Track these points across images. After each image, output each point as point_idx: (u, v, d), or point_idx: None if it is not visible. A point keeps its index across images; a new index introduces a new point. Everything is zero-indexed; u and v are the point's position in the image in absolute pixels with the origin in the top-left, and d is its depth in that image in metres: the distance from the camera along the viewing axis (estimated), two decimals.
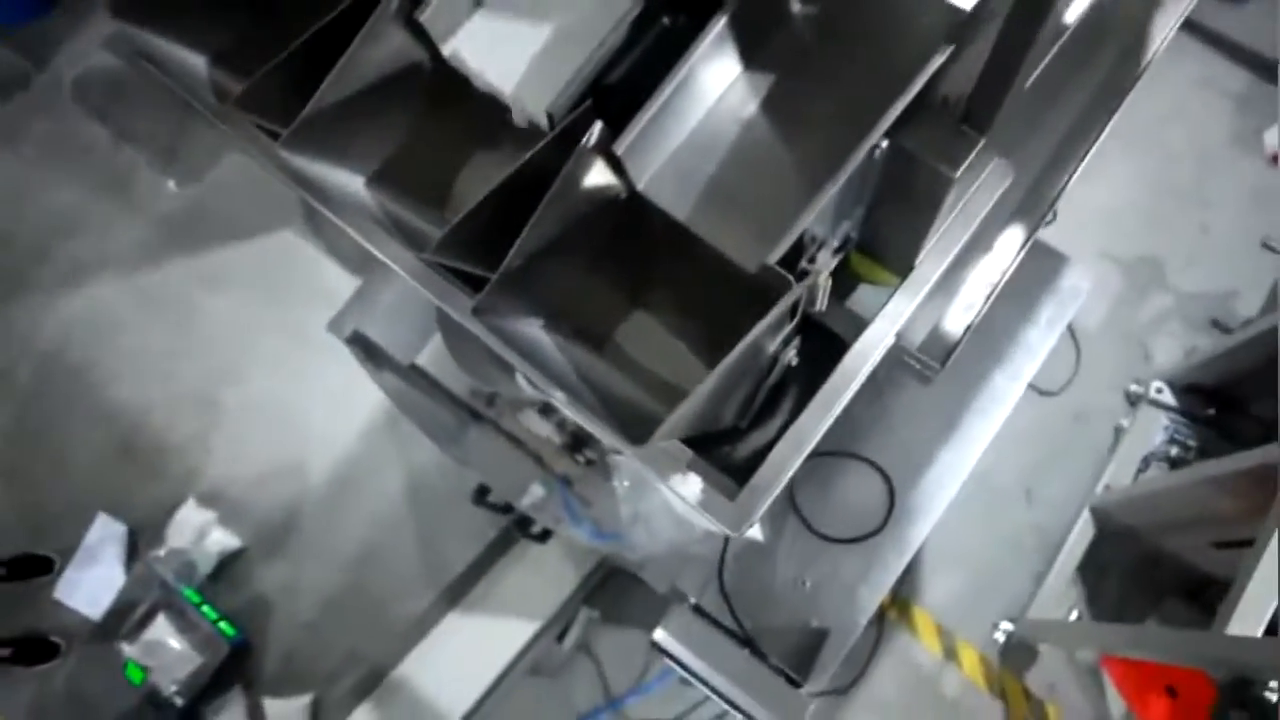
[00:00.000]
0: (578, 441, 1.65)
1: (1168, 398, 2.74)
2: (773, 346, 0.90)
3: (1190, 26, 3.31)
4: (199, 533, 2.73)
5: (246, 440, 2.93)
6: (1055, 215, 1.63)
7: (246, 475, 2.89)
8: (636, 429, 0.69)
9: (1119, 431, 2.80)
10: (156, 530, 2.77)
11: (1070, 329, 2.93)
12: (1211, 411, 2.69)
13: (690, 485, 0.94)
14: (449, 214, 0.96)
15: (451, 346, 1.49)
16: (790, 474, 0.94)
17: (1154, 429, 2.72)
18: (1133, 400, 2.83)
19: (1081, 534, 2.60)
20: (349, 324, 1.68)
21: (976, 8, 0.77)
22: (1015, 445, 2.82)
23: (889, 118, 0.73)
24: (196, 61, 0.93)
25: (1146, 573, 2.60)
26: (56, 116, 3.39)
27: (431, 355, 1.76)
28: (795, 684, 1.42)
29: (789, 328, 0.89)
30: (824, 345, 1.00)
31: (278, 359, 2.99)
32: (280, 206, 3.16)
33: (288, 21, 0.94)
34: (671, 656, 1.38)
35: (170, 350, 3.05)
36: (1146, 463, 2.72)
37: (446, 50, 0.83)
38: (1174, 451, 2.69)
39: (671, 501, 1.41)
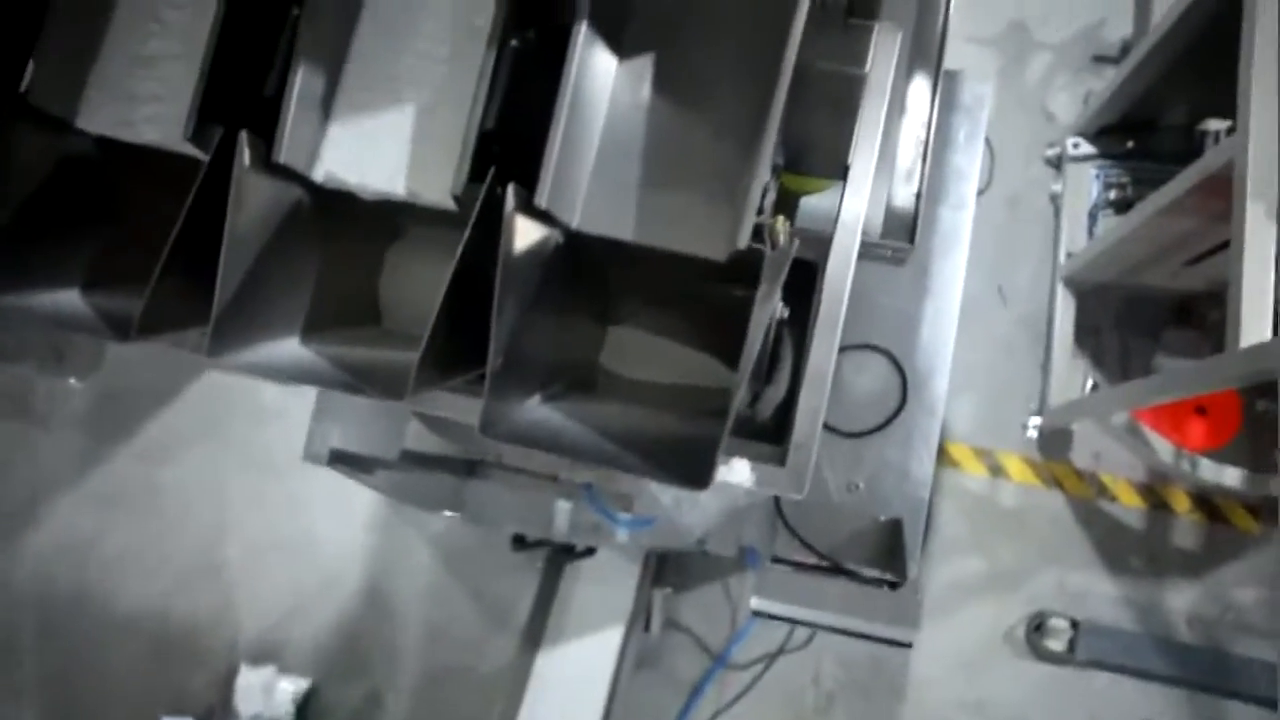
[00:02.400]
0: None
1: (1086, 148, 2.77)
2: (769, 314, 0.87)
3: None
4: (265, 690, 2.67)
5: (268, 584, 2.85)
6: None
7: (283, 616, 2.82)
8: (690, 467, 0.66)
9: (1055, 199, 2.83)
10: (225, 706, 2.70)
11: None
12: (1131, 144, 2.72)
13: (738, 471, 0.92)
14: (388, 325, 0.91)
15: (435, 429, 1.44)
16: (823, 415, 0.92)
17: (1086, 183, 2.75)
18: (1055, 164, 2.86)
19: (1064, 309, 2.65)
20: (322, 446, 1.62)
21: None
22: (970, 255, 2.85)
23: (792, 48, 0.69)
24: (68, 298, 0.85)
25: (1135, 316, 2.66)
26: None
27: (414, 432, 1.70)
28: (894, 585, 1.42)
29: (779, 288, 0.86)
30: (798, 274, 0.97)
31: (257, 497, 2.90)
32: (186, 357, 3.02)
33: (140, 218, 0.88)
34: (775, 617, 1.38)
35: (152, 537, 2.94)
36: (1094, 217, 2.76)
37: (319, 176, 0.77)
38: (1113, 195, 2.73)
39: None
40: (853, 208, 0.95)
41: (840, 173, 0.97)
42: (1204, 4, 2.07)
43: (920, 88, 1.09)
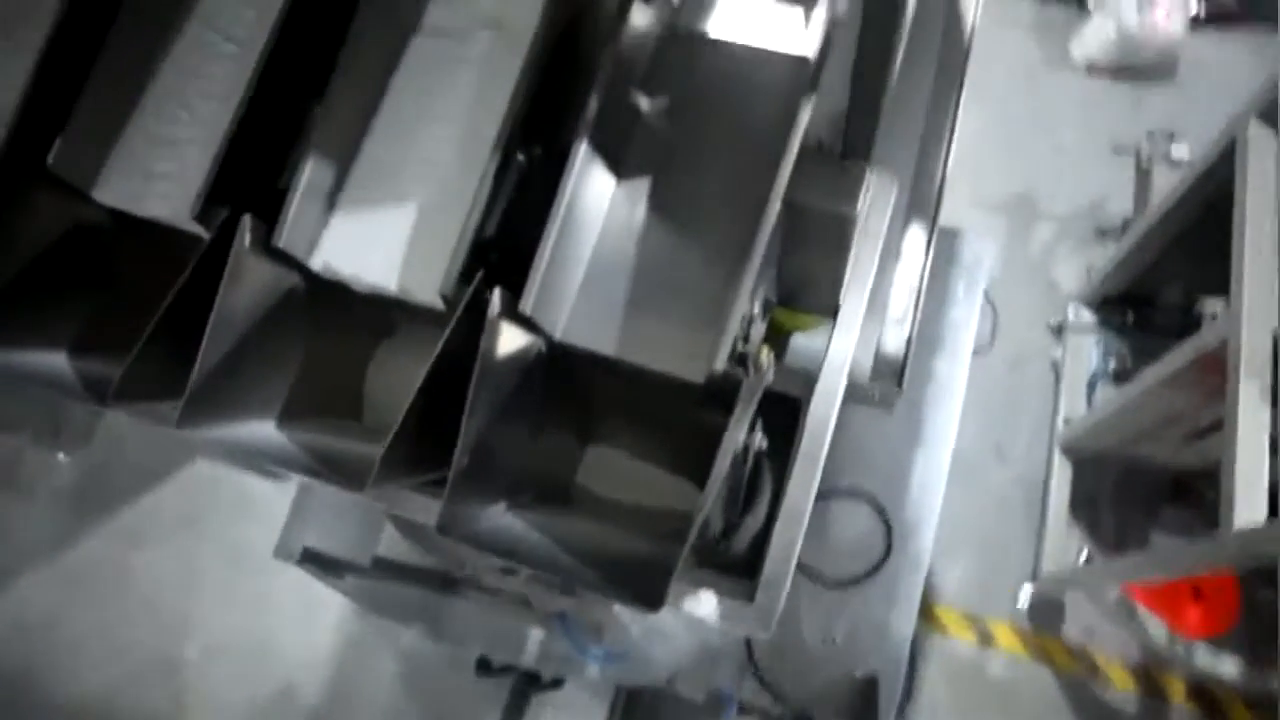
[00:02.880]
0: None
1: (1086, 318, 2.82)
2: (742, 439, 0.86)
3: None
4: None
5: (224, 688, 2.73)
6: None
7: None
8: (645, 587, 0.64)
9: (1056, 365, 2.86)
10: None
11: None
12: (1131, 317, 2.77)
13: (705, 604, 0.89)
14: (368, 422, 0.91)
15: (408, 535, 1.42)
16: (797, 552, 0.90)
17: (1087, 352, 2.78)
18: (1056, 331, 2.90)
19: (1060, 475, 2.63)
20: (295, 544, 1.58)
21: (820, 52, 0.77)
22: (968, 412, 2.83)
23: (781, 183, 0.71)
24: (55, 359, 0.86)
25: (1132, 489, 2.64)
26: None
27: (388, 540, 1.67)
28: None
29: (751, 416, 0.86)
30: (782, 410, 0.97)
31: (227, 592, 2.82)
32: (170, 445, 3.02)
33: (136, 288, 0.89)
34: None
35: (113, 624, 2.84)
36: (1093, 386, 2.78)
37: (317, 265, 0.79)
38: (1113, 366, 2.75)
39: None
40: (841, 347, 0.96)
41: (831, 311, 0.99)
42: (1198, 189, 2.15)
43: (916, 237, 1.12)
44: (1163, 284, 2.69)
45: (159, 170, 0.85)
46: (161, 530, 2.94)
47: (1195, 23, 3.23)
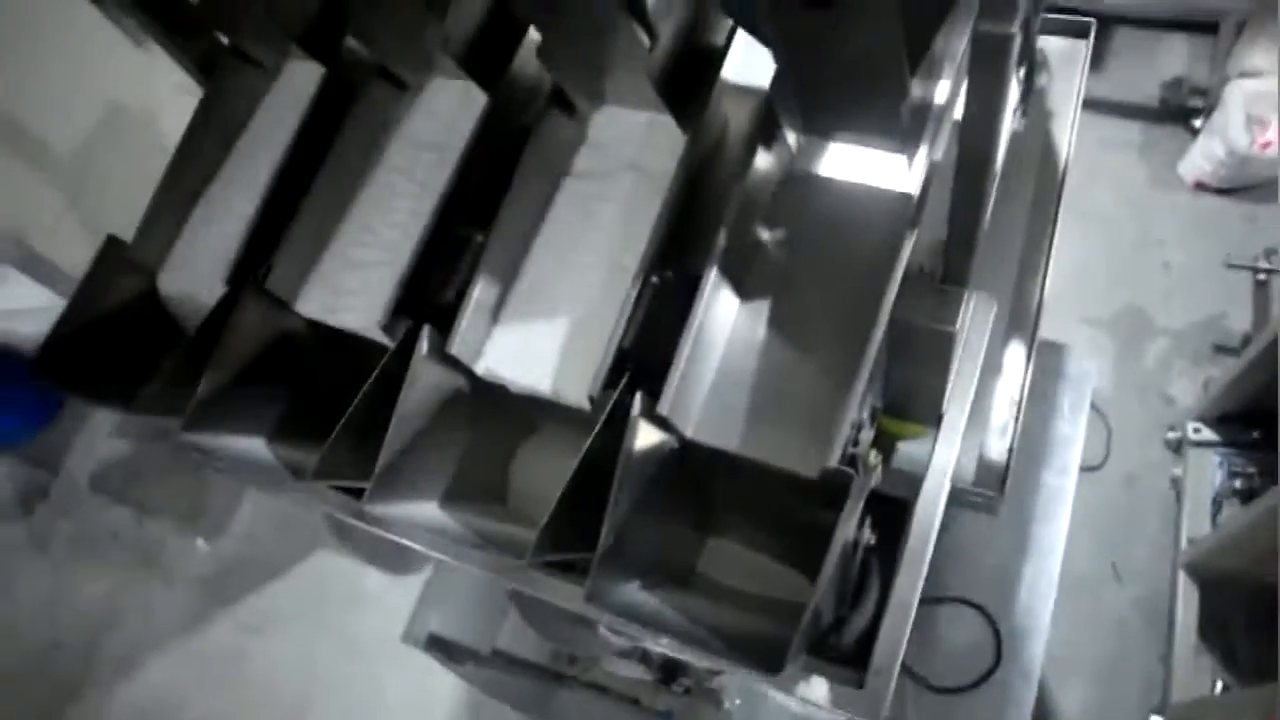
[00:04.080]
0: (670, 672, 1.63)
1: (1207, 435, 2.74)
2: (851, 534, 0.94)
3: None
4: None
5: None
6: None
7: None
8: (766, 657, 0.71)
9: (1176, 482, 2.78)
10: None
11: (1091, 401, 2.97)
12: (1256, 435, 2.68)
13: (816, 689, 0.95)
14: (511, 507, 1.02)
15: (528, 617, 1.51)
16: (905, 644, 0.95)
17: (1208, 469, 2.70)
18: (1175, 448, 2.83)
19: (1187, 598, 2.52)
20: (422, 630, 1.69)
21: (923, 191, 0.88)
22: (1083, 529, 2.78)
23: (887, 305, 0.81)
24: (256, 444, 1.01)
25: (1270, 615, 2.50)
26: (79, 514, 3.49)
27: (506, 634, 1.76)
28: None
29: (860, 511, 0.93)
30: (890, 511, 1.04)
31: (343, 681, 2.94)
32: (307, 532, 3.22)
33: (326, 385, 1.05)
34: None
35: (236, 707, 2.99)
36: (1218, 504, 2.68)
37: (480, 369, 0.92)
38: (1238, 484, 2.65)
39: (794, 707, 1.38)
40: (944, 454, 1.03)
41: (934, 421, 1.06)
42: None
43: (1016, 353, 1.19)
44: None
45: (350, 287, 1.02)
46: (283, 620, 3.11)
47: None
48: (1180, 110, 3.46)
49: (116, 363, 1.06)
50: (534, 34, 0.98)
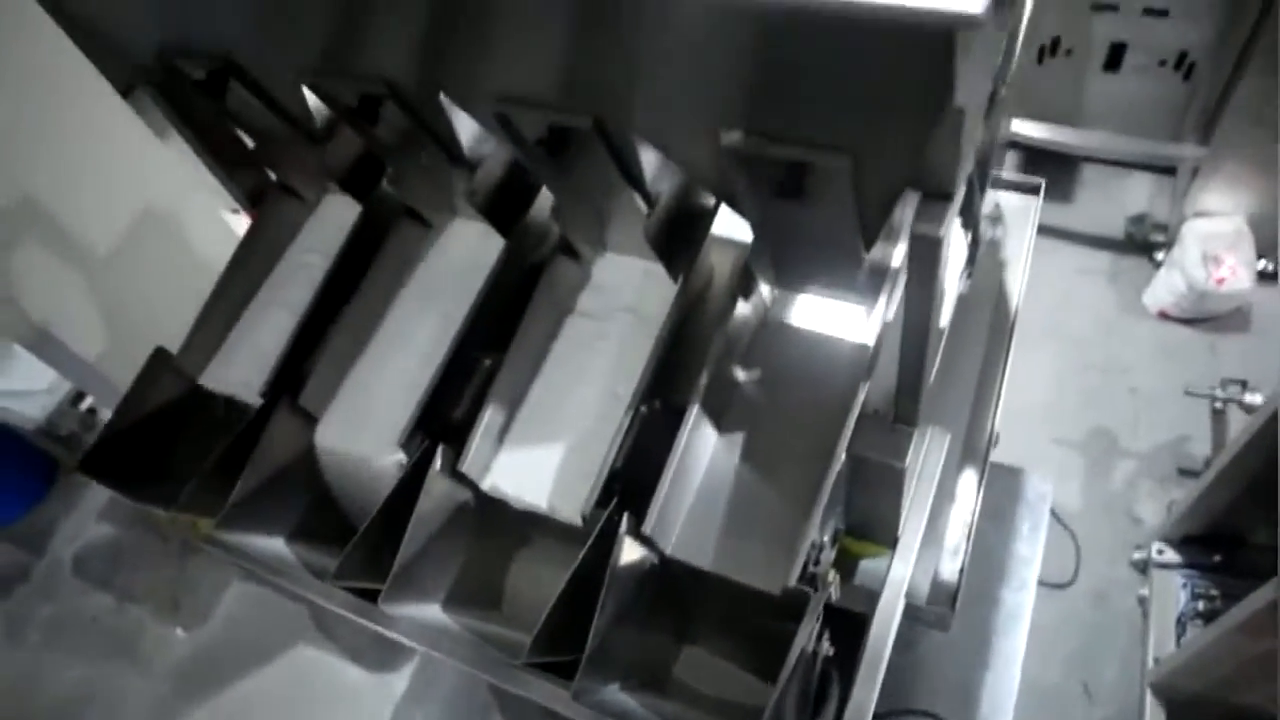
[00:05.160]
0: None
1: (1171, 556, 2.83)
2: (811, 645, 1.04)
3: (1047, 231, 3.81)
4: None
5: None
6: (998, 438, 1.85)
7: None
8: None
9: (1143, 602, 2.86)
10: None
11: (1059, 519, 3.08)
12: (1217, 558, 2.78)
13: None
14: (506, 612, 1.12)
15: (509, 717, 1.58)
16: None
17: (1173, 590, 2.78)
18: (1141, 568, 2.92)
19: (1155, 718, 2.58)
20: None
21: (877, 344, 1.02)
22: (1054, 645, 2.86)
23: (843, 442, 0.94)
24: (277, 544, 1.12)
25: None
26: (59, 597, 3.48)
27: None
28: None
29: (818, 625, 1.03)
30: (850, 625, 1.14)
31: None
32: (289, 624, 3.22)
33: (345, 497, 1.16)
34: None
35: None
36: (1182, 625, 2.75)
37: (486, 485, 1.04)
38: (1201, 606, 2.73)
39: None
40: (899, 572, 1.14)
41: (892, 541, 1.18)
42: (1267, 435, 2.26)
43: (969, 480, 1.31)
44: (1250, 524, 2.72)
45: (371, 410, 1.14)
46: (260, 713, 3.09)
47: (1264, 277, 3.43)
48: (1144, 244, 3.68)
49: (157, 463, 1.17)
50: (546, 192, 1.13)
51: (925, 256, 0.78)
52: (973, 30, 0.52)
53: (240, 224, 1.36)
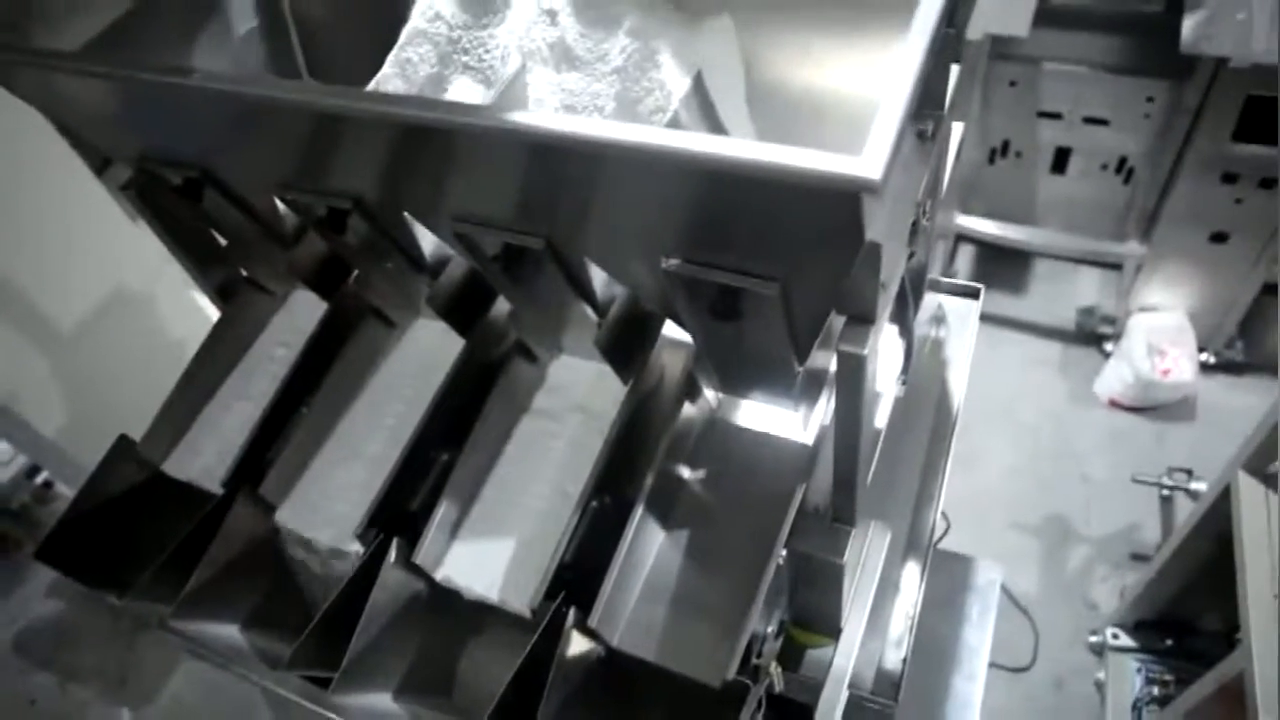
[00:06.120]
0: None
1: (1126, 641, 2.89)
2: None
3: (999, 321, 3.95)
4: None
5: None
6: (949, 525, 1.91)
7: None
8: None
9: (1100, 686, 2.89)
10: None
11: (1017, 603, 3.13)
12: (1170, 642, 2.84)
13: None
14: (456, 701, 1.14)
15: None
16: None
17: (1129, 675, 2.83)
18: (1097, 651, 2.96)
19: None
20: None
21: (815, 446, 1.08)
22: None
23: (781, 539, 0.99)
24: (230, 631, 1.14)
25: None
26: None
27: None
28: None
29: (760, 716, 1.06)
30: (793, 716, 1.17)
31: None
32: (239, 707, 3.15)
33: (298, 584, 1.19)
34: None
35: None
36: (1138, 711, 2.79)
37: (439, 576, 1.07)
38: (1156, 691, 2.78)
39: None
40: (841, 663, 1.18)
41: (835, 632, 1.22)
42: (1209, 524, 2.34)
43: (912, 572, 1.36)
44: (1199, 611, 2.79)
45: (329, 503, 1.18)
46: None
47: (1206, 369, 3.57)
48: (1094, 335, 3.83)
49: (114, 550, 1.19)
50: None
51: (851, 372, 0.84)
52: (872, 194, 0.59)
53: (208, 305, 1.41)
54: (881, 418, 1.18)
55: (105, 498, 1.23)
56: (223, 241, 1.33)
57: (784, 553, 1.04)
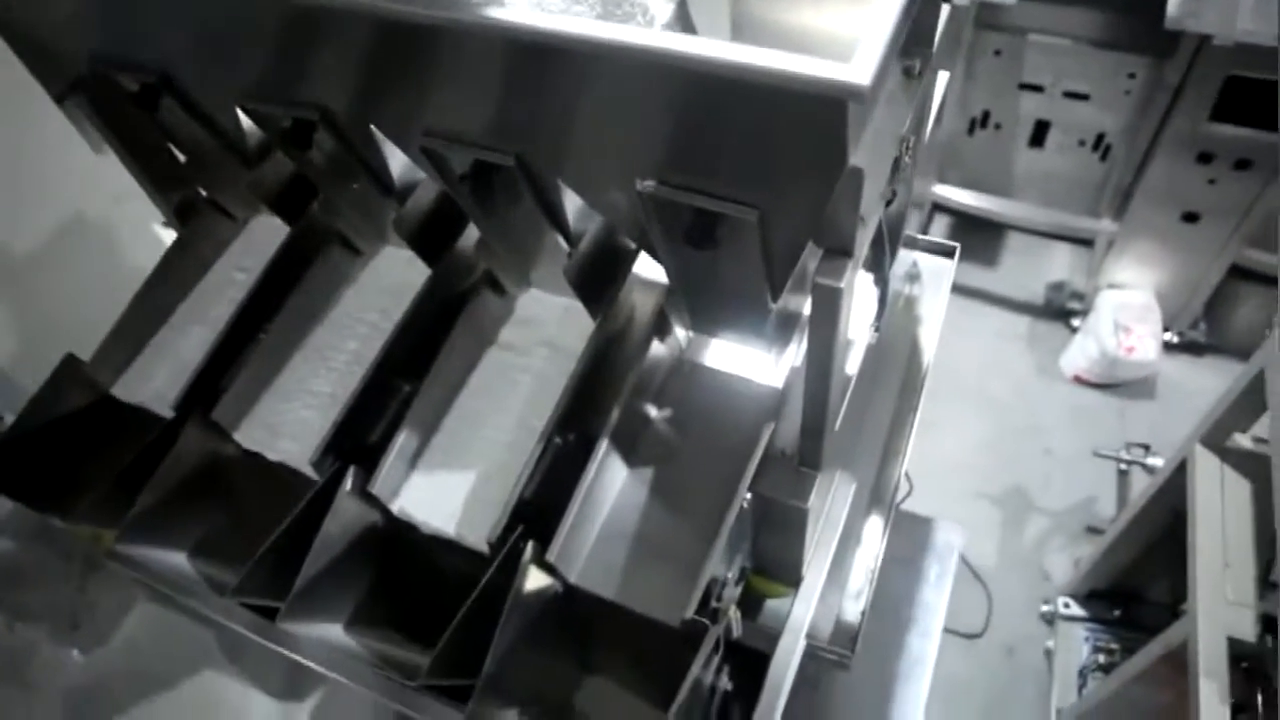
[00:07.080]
0: None
1: (1076, 610, 2.94)
2: (709, 678, 1.06)
3: (972, 293, 3.96)
4: None
5: None
6: (911, 487, 1.91)
7: None
8: None
9: (1049, 654, 2.95)
10: None
11: (974, 572, 3.17)
12: (1118, 613, 2.90)
13: None
14: (409, 634, 1.12)
15: None
16: None
17: (1077, 643, 2.89)
18: (1049, 620, 3.02)
19: None
20: None
21: (785, 388, 1.06)
22: (965, 695, 2.92)
23: (746, 480, 0.97)
24: (178, 559, 1.10)
25: None
26: None
27: None
28: None
29: (717, 659, 1.06)
30: (749, 663, 1.17)
31: None
32: (193, 650, 3.12)
33: (251, 510, 1.15)
34: None
35: None
36: (1084, 678, 2.85)
37: (395, 508, 1.04)
38: (1101, 659, 2.84)
39: None
40: (800, 613, 1.18)
41: (795, 581, 1.21)
42: (1163, 498, 2.38)
43: (874, 526, 1.36)
44: (1148, 583, 2.85)
45: (289, 425, 1.14)
46: None
47: (1170, 348, 3.61)
48: (1062, 310, 3.85)
49: (60, 472, 1.15)
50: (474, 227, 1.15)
51: (826, 306, 0.82)
52: (859, 103, 0.57)
53: (170, 238, 1.35)
54: (853, 364, 1.17)
55: (50, 418, 1.19)
56: (182, 158, 1.27)
57: (748, 495, 1.02)
